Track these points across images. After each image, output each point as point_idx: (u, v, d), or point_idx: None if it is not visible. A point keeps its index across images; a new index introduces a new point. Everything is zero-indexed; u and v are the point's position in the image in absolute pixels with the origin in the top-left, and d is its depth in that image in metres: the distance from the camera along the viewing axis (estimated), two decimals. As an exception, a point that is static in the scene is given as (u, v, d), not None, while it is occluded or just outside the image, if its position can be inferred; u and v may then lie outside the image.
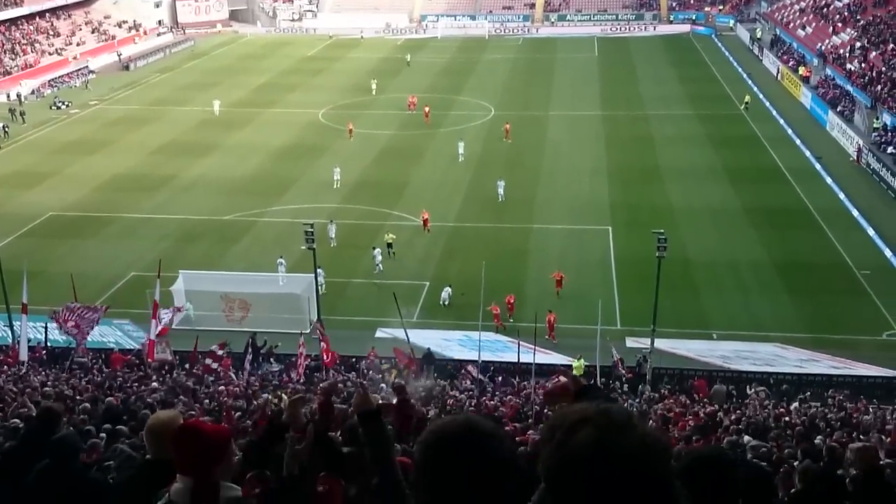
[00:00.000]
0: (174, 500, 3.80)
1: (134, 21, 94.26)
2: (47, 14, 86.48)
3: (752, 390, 26.83)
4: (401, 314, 27.95)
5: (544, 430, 2.27)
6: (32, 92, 71.47)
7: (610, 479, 2.06)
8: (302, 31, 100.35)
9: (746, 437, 16.38)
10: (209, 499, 3.79)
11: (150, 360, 27.67)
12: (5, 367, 26.38)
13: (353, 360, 30.40)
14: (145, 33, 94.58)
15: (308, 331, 32.34)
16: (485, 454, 2.36)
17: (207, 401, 20.12)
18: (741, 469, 3.68)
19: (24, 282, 28.21)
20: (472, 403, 23.24)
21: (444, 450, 2.37)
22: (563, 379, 3.65)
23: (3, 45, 78.06)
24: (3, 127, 58.70)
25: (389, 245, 38.25)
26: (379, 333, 32.00)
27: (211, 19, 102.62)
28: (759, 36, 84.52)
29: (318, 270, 34.62)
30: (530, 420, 19.71)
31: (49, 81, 74.09)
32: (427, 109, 61.30)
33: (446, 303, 34.45)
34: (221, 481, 3.98)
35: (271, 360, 31.29)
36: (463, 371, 29.71)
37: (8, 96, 69.27)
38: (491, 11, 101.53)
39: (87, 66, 79.61)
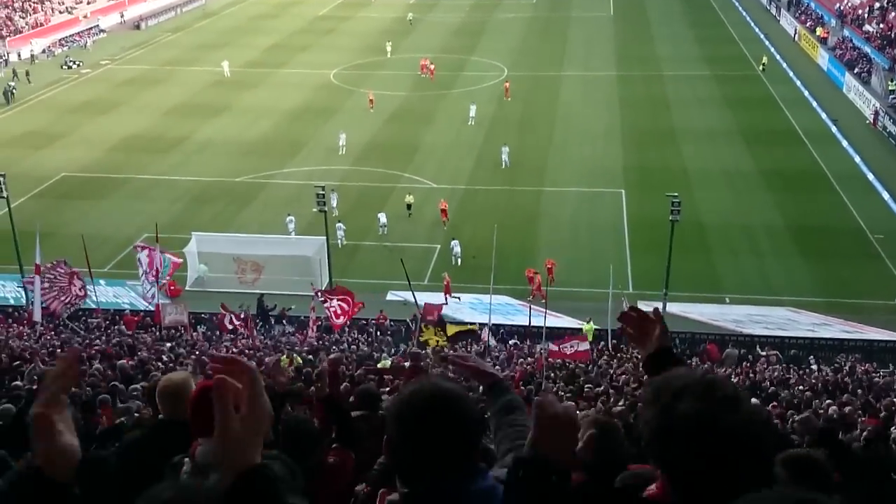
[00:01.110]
0: (201, 461, 3.85)
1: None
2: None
3: (764, 353, 26.84)
4: (409, 279, 27.99)
5: (647, 391, 2.32)
6: (43, 51, 71.22)
7: (712, 454, 2.08)
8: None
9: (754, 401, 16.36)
10: None
11: (156, 321, 27.92)
12: (23, 327, 26.70)
13: (363, 322, 30.53)
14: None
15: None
16: (455, 418, 2.44)
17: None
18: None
19: (37, 243, 28.31)
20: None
21: (416, 419, 2.44)
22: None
23: (14, 3, 77.65)
24: (7, 89, 58.40)
25: (409, 206, 38.45)
26: (389, 296, 32.07)
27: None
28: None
29: (339, 225, 35.52)
30: (538, 381, 19.81)
31: (59, 40, 73.78)
32: (433, 67, 60.88)
33: (458, 259, 34.40)
34: None
35: (283, 321, 31.49)
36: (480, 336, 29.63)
37: (19, 55, 69.19)
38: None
39: (97, 25, 79.19)
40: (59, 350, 19.21)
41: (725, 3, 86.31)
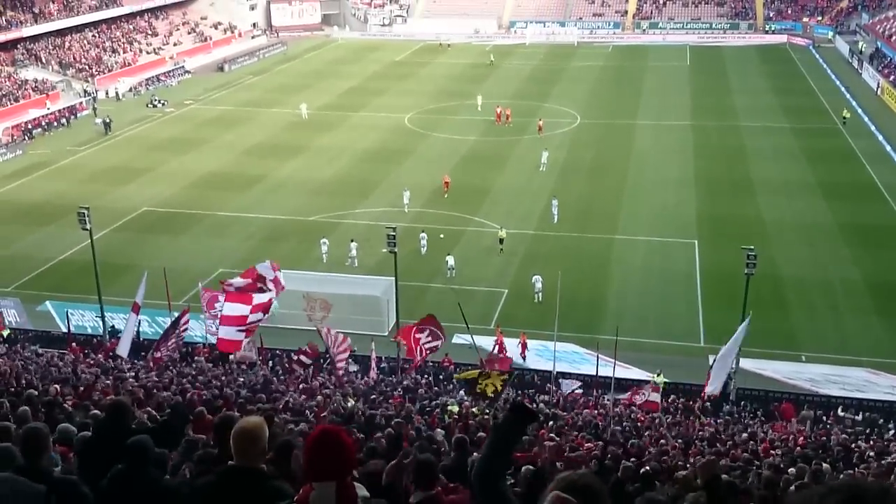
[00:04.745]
0: None
1: (229, 23, 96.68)
2: (146, 14, 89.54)
3: (843, 414, 25.83)
4: (467, 323, 27.22)
5: (805, 492, 2.31)
6: (130, 89, 74.09)
7: None
8: (392, 36, 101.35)
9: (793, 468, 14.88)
10: (351, 499, 3.96)
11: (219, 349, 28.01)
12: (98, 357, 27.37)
13: (430, 363, 30.42)
14: (240, 35, 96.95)
15: (386, 333, 32.63)
16: None
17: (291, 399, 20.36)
18: None
19: (142, 283, 28.67)
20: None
21: None
22: None
23: (104, 43, 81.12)
24: (107, 122, 61.07)
25: (501, 241, 39.52)
26: (456, 340, 31.93)
27: (304, 23, 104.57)
28: (859, 49, 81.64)
29: (422, 234, 39.04)
30: (599, 431, 19.42)
31: (146, 80, 76.65)
32: (499, 111, 61.80)
33: (540, 296, 34.30)
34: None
35: (349, 360, 31.60)
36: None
37: (106, 93, 72.10)
38: (581, 18, 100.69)
39: (183, 66, 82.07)
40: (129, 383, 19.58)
41: (806, 55, 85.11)
